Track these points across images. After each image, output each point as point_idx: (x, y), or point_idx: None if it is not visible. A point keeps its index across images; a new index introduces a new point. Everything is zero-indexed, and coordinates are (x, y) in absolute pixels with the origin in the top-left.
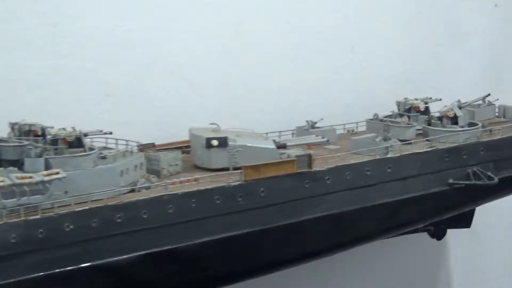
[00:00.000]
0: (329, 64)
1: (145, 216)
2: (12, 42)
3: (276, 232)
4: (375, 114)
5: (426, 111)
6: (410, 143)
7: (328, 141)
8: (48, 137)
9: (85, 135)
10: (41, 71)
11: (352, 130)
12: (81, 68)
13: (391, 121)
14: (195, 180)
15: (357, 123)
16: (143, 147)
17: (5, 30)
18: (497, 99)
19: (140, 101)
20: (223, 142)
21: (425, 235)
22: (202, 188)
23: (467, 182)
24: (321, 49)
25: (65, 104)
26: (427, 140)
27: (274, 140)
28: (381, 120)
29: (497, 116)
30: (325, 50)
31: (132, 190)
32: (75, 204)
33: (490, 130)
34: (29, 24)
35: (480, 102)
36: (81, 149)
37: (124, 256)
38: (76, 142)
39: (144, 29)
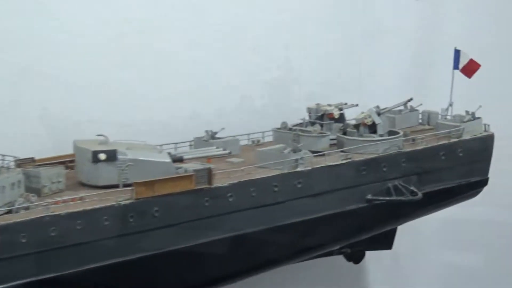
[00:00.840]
0: (230, 67)
1: (24, 241)
2: None
3: (172, 256)
4: (283, 123)
5: (341, 118)
6: (323, 155)
7: (230, 153)
8: None
9: None
10: None
11: (258, 141)
12: None
13: (302, 130)
14: (81, 199)
15: (263, 132)
16: (21, 162)
17: None
18: (421, 104)
19: (16, 110)
20: (111, 156)
21: (341, 258)
22: (89, 208)
23: (387, 198)
24: (221, 49)
25: None
26: (342, 151)
27: (169, 153)
28: (290, 129)
29: (420, 123)
30: (226, 51)
31: (9, 211)
32: None
33: (413, 139)
34: None
35: (402, 107)
36: None
37: (1, 286)
38: None
39: (20, 28)
